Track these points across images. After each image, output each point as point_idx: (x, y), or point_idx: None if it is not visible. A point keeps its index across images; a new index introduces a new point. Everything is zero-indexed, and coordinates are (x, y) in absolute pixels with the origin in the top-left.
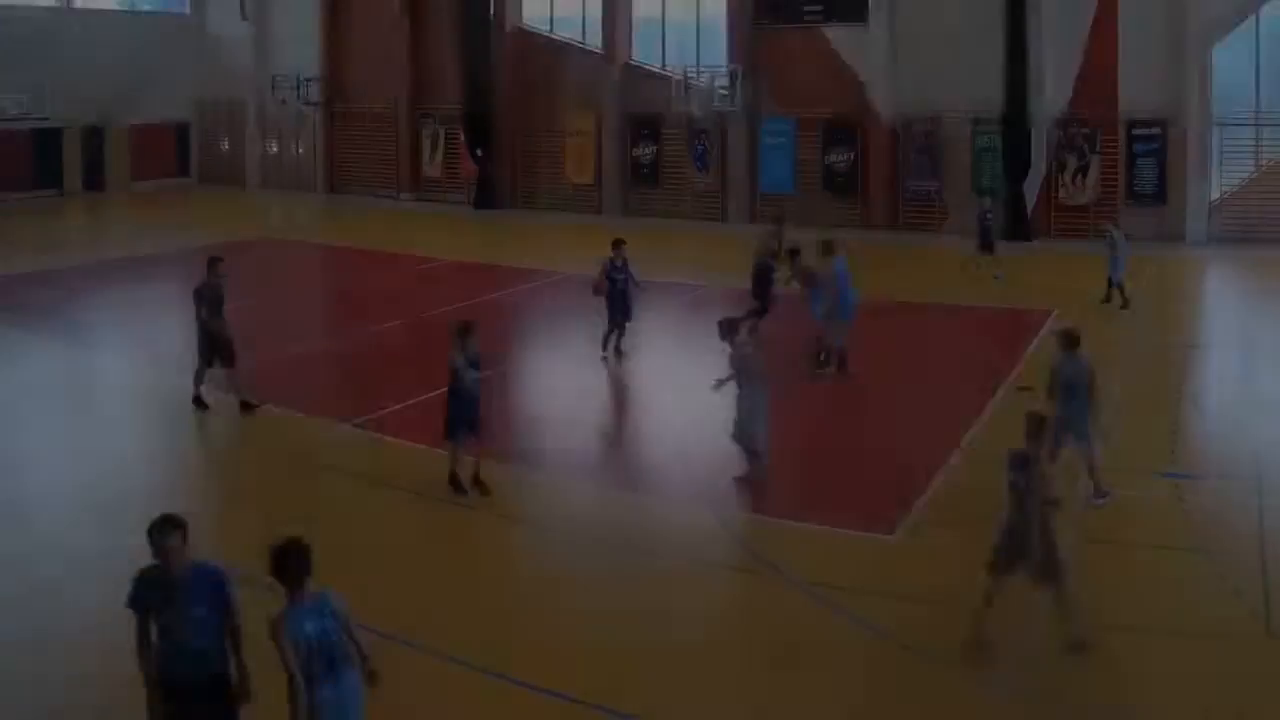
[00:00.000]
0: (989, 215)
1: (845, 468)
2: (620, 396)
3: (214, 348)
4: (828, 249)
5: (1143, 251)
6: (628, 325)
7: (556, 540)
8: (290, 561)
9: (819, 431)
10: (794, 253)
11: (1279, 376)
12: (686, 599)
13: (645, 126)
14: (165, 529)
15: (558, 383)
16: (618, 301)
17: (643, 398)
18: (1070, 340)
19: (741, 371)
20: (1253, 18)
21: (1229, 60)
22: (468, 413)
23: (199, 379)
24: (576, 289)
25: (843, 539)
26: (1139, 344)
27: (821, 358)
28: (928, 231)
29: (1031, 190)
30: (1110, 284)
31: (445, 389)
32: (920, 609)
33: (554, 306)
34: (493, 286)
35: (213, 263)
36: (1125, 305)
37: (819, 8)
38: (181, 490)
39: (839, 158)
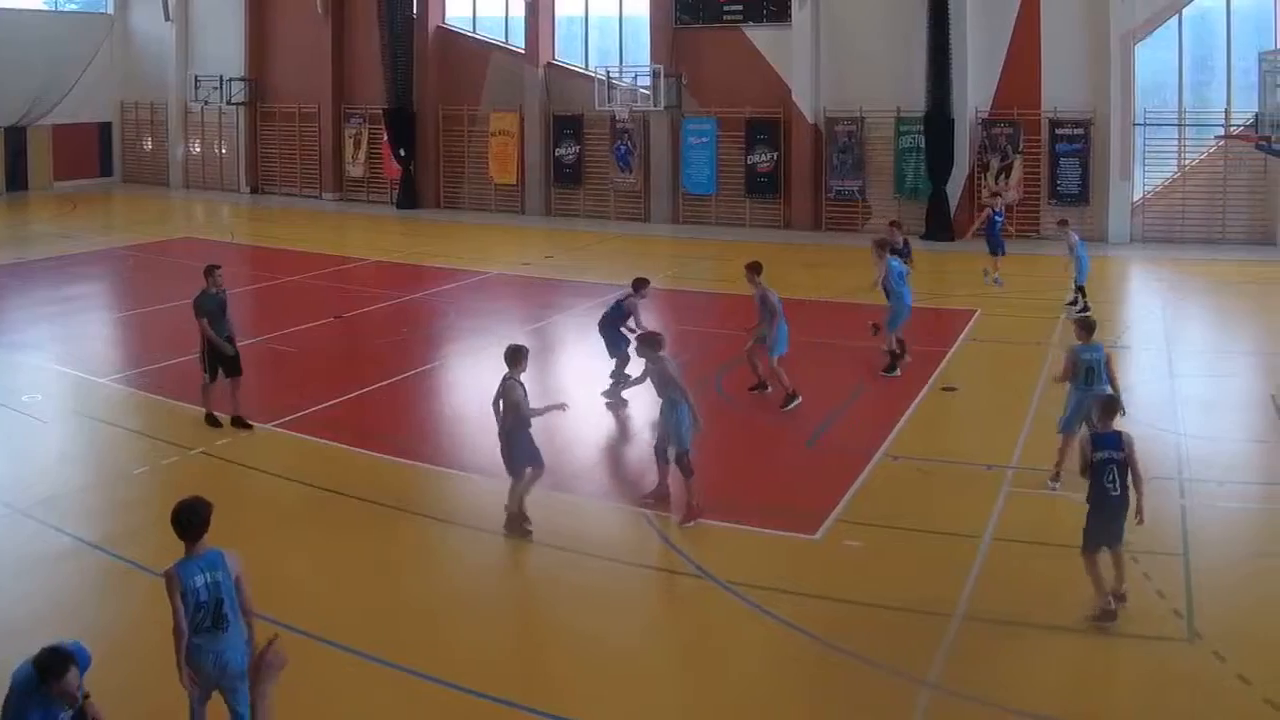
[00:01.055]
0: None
1: (770, 468)
2: (543, 396)
3: (216, 360)
4: (881, 246)
5: (1065, 251)
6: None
7: (483, 541)
8: (189, 518)
9: (744, 432)
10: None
11: (1200, 377)
12: (612, 599)
13: (568, 126)
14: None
15: (483, 382)
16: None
17: (570, 398)
18: (1088, 328)
19: (662, 385)
20: (1175, 17)
21: (1152, 60)
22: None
23: (207, 395)
24: (499, 289)
25: (767, 539)
26: (1060, 344)
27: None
28: (851, 231)
29: (955, 190)
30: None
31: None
32: (843, 609)
33: (477, 307)
34: (415, 286)
35: (210, 270)
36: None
37: (739, 8)
38: (96, 492)
39: (762, 158)
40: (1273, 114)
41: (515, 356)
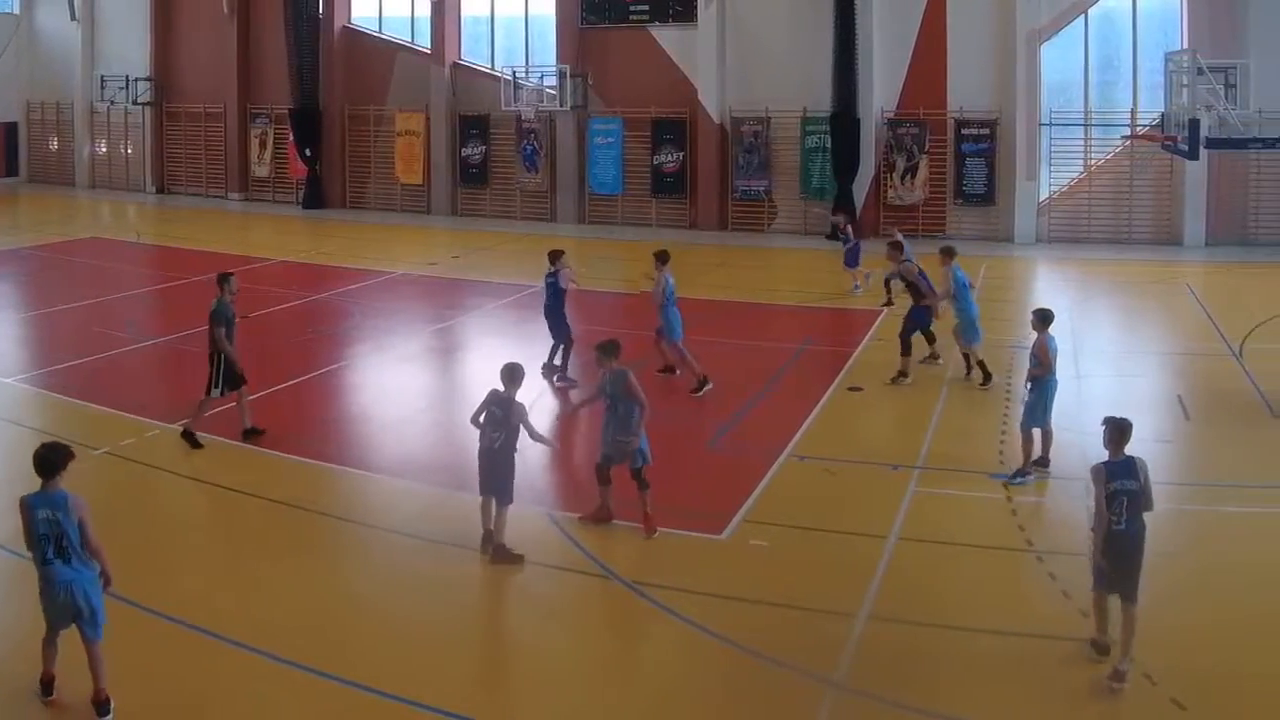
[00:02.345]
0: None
1: (677, 468)
2: (451, 396)
3: (226, 373)
4: (948, 255)
5: (972, 252)
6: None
7: (389, 541)
8: (45, 457)
9: (652, 433)
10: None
11: (1107, 377)
12: (517, 599)
13: (474, 126)
14: None
15: (387, 383)
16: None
17: (474, 397)
18: (1047, 319)
19: (622, 394)
20: (1081, 17)
21: (1058, 60)
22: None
23: (202, 409)
24: (405, 289)
25: (673, 540)
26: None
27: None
28: (756, 232)
29: (860, 190)
30: (887, 285)
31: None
32: (750, 609)
33: (383, 307)
34: (321, 287)
35: (223, 279)
36: (889, 303)
37: (645, 8)
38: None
39: (667, 158)
40: (1179, 114)
41: (518, 375)
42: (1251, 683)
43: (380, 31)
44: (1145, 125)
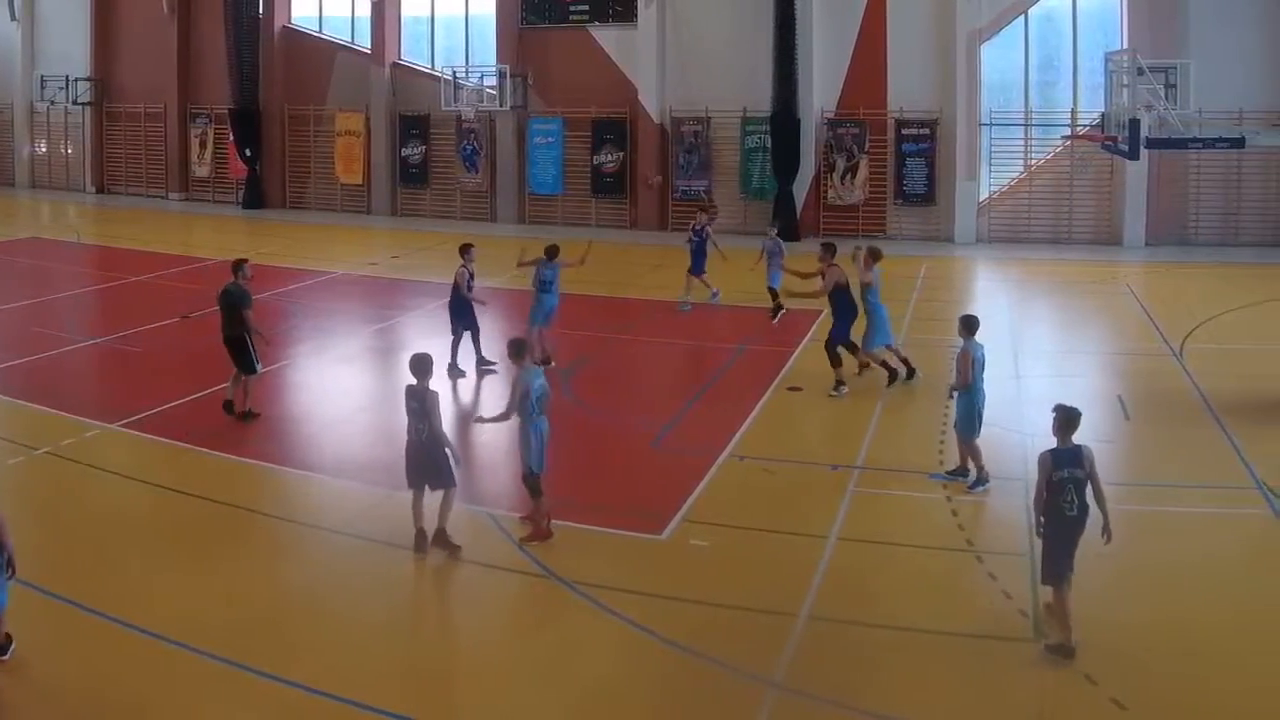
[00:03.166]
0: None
1: (616, 469)
2: (391, 397)
3: (253, 349)
4: (874, 256)
5: (912, 251)
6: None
7: (327, 541)
8: None
9: (591, 433)
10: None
11: (1047, 377)
12: (457, 599)
13: (414, 126)
14: None
15: (327, 383)
16: (468, 311)
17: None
18: (972, 325)
19: (525, 397)
20: (1021, 17)
21: (998, 60)
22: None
23: (246, 388)
24: (345, 289)
25: (613, 540)
26: (906, 345)
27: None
28: None
29: (801, 190)
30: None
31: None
32: (690, 609)
33: (323, 307)
34: (261, 287)
35: (238, 265)
36: (775, 315)
37: (585, 8)
38: None
39: (608, 158)
40: (1119, 114)
41: (426, 366)
42: (1191, 683)
43: (320, 31)
44: (1085, 125)
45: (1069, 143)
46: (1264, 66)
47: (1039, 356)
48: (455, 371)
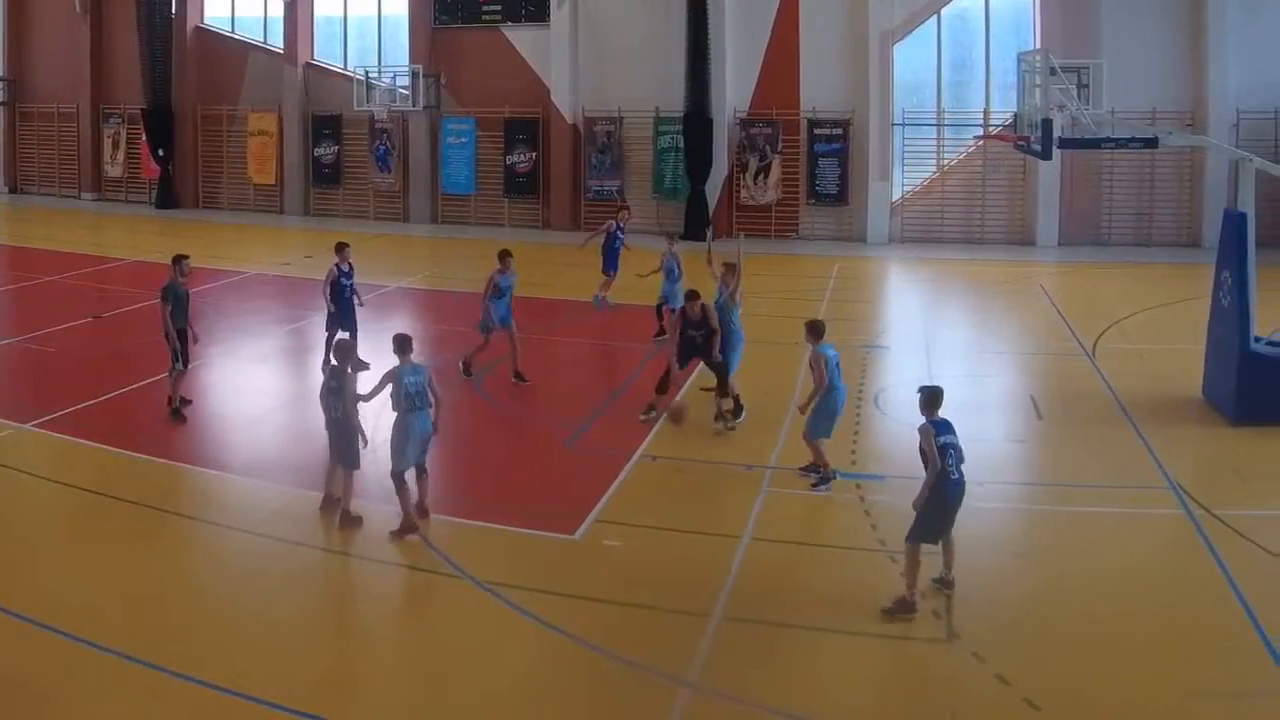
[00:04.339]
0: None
1: (529, 468)
2: (304, 396)
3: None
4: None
5: (824, 252)
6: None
7: (239, 541)
8: None
9: (504, 432)
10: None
11: (960, 377)
12: (369, 598)
13: (327, 126)
14: None
15: (240, 383)
16: (347, 310)
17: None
18: (819, 331)
19: (397, 392)
20: (934, 18)
21: (911, 60)
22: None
23: (178, 384)
24: (258, 289)
25: (526, 539)
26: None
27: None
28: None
29: (713, 190)
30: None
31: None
32: (603, 609)
33: (236, 307)
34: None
35: (177, 260)
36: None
37: (498, 7)
38: None
39: (520, 158)
40: (1031, 114)
41: (347, 351)
42: (1104, 683)
43: (233, 31)
44: (998, 125)
45: (982, 143)
46: (1176, 66)
47: (952, 357)
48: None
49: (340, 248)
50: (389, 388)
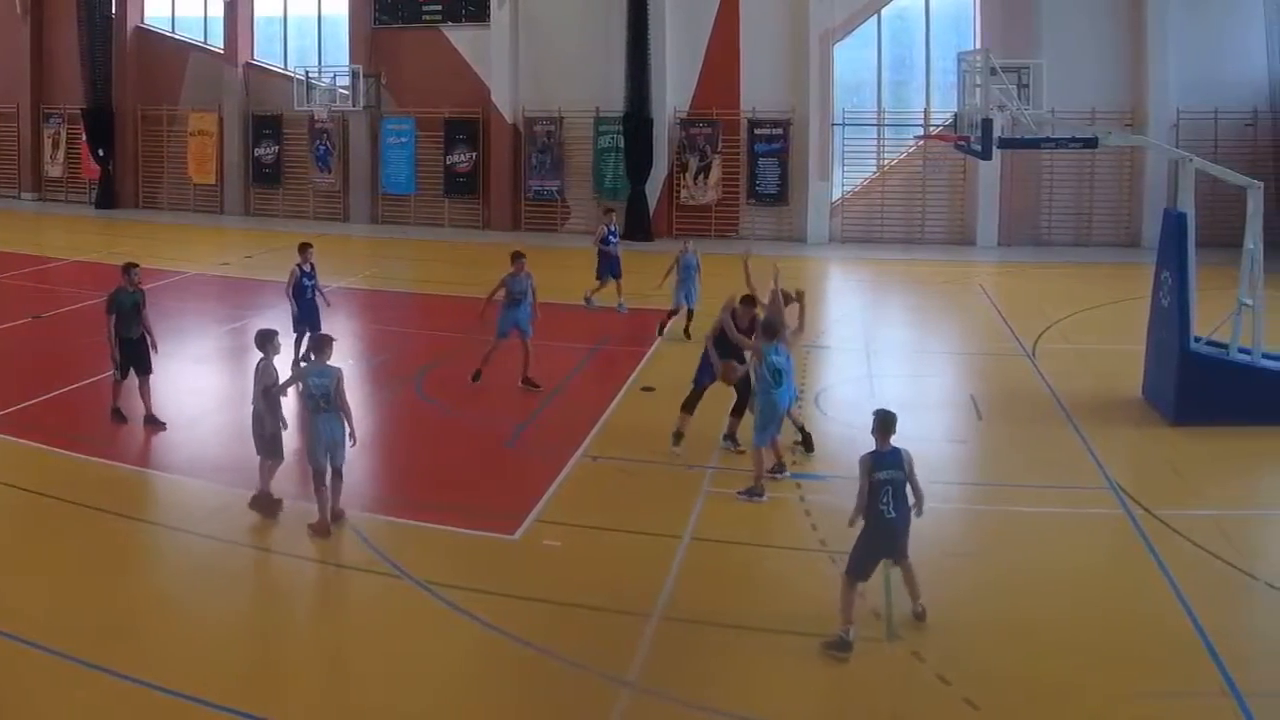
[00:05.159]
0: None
1: (469, 468)
2: (243, 396)
3: (127, 358)
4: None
5: (764, 252)
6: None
7: (180, 541)
8: None
9: (443, 432)
10: None
11: (900, 377)
12: (309, 598)
13: (267, 126)
14: None
15: (180, 383)
16: (309, 310)
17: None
18: (773, 331)
19: (303, 393)
20: (874, 17)
21: (851, 60)
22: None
23: (115, 390)
24: (198, 289)
25: (465, 539)
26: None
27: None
28: (549, 232)
29: (654, 190)
30: (689, 312)
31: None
32: (543, 609)
33: (176, 307)
34: (113, 287)
35: (127, 268)
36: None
37: (438, 8)
38: None
39: (460, 158)
40: (972, 114)
41: (265, 339)
42: (1043, 683)
43: (173, 31)
44: (938, 125)
45: (922, 143)
46: (1116, 66)
47: (892, 356)
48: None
49: (303, 248)
50: (297, 385)
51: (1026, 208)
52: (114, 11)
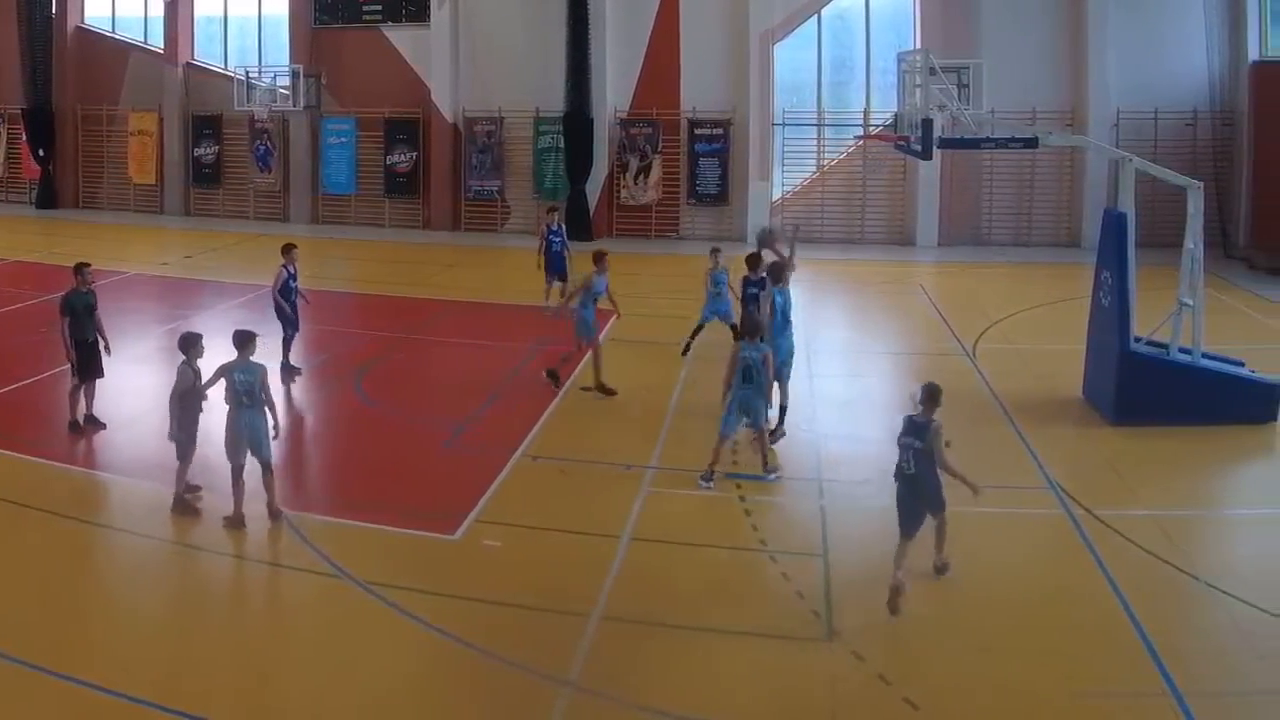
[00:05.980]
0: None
1: (409, 468)
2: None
3: (85, 360)
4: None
5: (705, 251)
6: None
7: (120, 541)
8: None
9: (383, 432)
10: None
11: (839, 377)
12: (252, 599)
13: (207, 126)
14: None
15: (119, 383)
16: (295, 311)
17: (211, 398)
18: (755, 328)
19: (228, 388)
20: (814, 18)
21: (791, 60)
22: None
23: (74, 399)
24: (138, 289)
25: (406, 539)
26: (699, 346)
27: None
28: (490, 232)
29: (594, 190)
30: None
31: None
32: (483, 609)
33: (115, 307)
34: (53, 287)
35: (79, 269)
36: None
37: (379, 8)
38: None
39: (400, 158)
40: (911, 114)
41: (187, 343)
42: (984, 683)
43: (113, 31)
44: (878, 125)
45: (862, 143)
46: (1057, 66)
47: (832, 356)
48: (289, 371)
49: (287, 249)
50: (221, 382)
51: (966, 208)
52: (54, 11)
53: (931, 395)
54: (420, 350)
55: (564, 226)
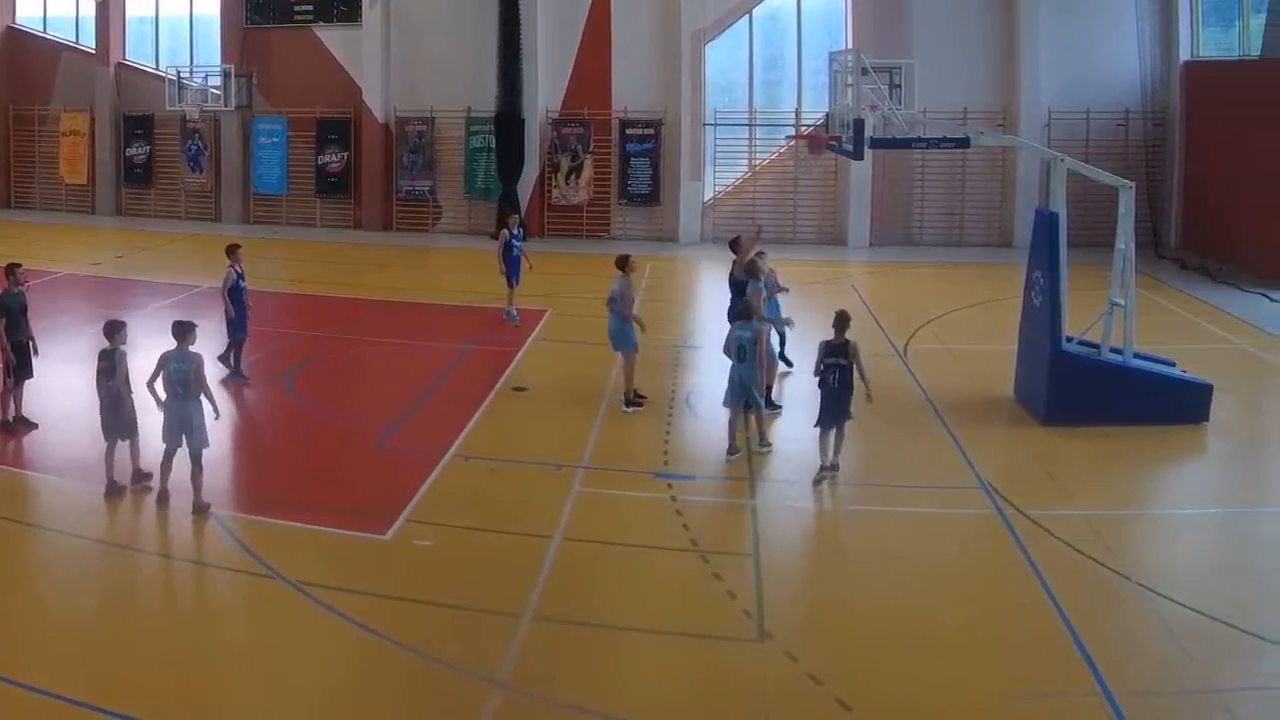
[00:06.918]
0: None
1: (340, 468)
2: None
3: (20, 361)
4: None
5: (636, 251)
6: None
7: (51, 542)
8: None
9: (315, 432)
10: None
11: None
12: (180, 598)
13: (139, 126)
14: None
15: (50, 383)
16: (244, 313)
17: (140, 399)
18: (748, 312)
19: (195, 379)
20: (746, 17)
21: (723, 59)
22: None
23: (4, 402)
24: (68, 289)
25: (337, 539)
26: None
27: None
28: (421, 232)
29: (525, 190)
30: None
31: None
32: (414, 608)
33: (46, 307)
34: None
35: (11, 269)
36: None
37: (310, 8)
38: None
39: (332, 158)
40: (843, 114)
41: (113, 330)
42: (916, 683)
43: (45, 31)
44: (809, 125)
45: (793, 143)
46: (987, 66)
47: None
48: (236, 377)
49: (232, 250)
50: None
51: (898, 208)
52: None
53: (843, 320)
54: (352, 350)
55: (524, 231)
